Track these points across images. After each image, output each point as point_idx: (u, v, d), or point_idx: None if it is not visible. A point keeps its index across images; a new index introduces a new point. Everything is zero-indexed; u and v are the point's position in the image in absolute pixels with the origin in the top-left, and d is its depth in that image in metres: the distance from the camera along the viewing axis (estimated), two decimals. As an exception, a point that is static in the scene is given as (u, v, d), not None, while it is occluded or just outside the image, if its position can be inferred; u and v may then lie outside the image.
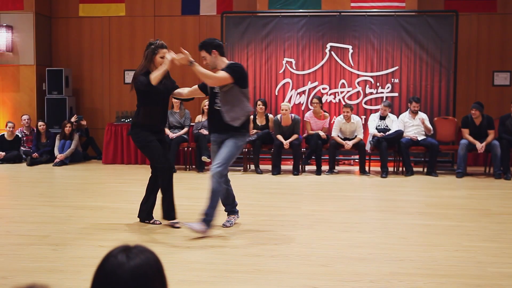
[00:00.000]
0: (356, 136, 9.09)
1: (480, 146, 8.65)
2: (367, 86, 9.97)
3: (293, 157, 9.10)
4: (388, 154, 8.97)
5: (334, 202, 6.53)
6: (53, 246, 4.41)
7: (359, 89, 9.97)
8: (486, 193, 7.38)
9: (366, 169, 9.00)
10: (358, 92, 9.98)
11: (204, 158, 8.75)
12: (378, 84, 9.94)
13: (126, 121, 10.29)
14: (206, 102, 7.28)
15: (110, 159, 10.09)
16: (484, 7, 10.48)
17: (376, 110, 9.66)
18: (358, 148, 9.03)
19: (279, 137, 9.01)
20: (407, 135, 8.99)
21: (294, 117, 9.12)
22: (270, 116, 9.34)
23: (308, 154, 9.15)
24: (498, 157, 8.54)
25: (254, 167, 9.10)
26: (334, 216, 5.69)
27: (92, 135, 10.86)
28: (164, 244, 4.53)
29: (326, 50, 10.00)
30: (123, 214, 5.67)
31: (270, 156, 9.38)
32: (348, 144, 8.95)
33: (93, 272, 1.43)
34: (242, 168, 9.36)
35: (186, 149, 9.49)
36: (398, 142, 8.92)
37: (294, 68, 10.06)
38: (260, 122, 9.29)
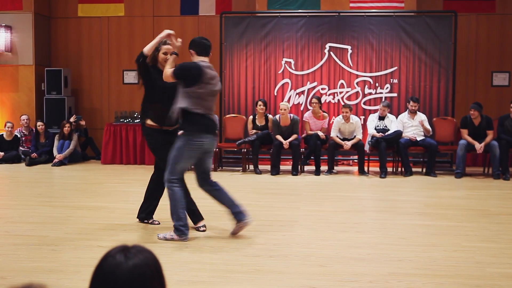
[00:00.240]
0: (355, 136, 9.10)
1: (479, 147, 8.66)
2: (366, 86, 9.97)
3: (292, 157, 9.10)
4: (387, 155, 8.98)
5: (333, 202, 6.53)
6: (51, 246, 4.41)
7: (358, 89, 9.98)
8: (485, 193, 7.38)
9: (365, 169, 9.01)
10: (357, 92, 9.99)
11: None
12: (377, 84, 9.95)
13: (125, 121, 10.29)
14: None
15: (109, 159, 10.09)
16: (483, 8, 10.49)
17: (375, 111, 9.67)
18: (357, 148, 9.04)
19: (278, 137, 9.01)
20: (406, 136, 8.99)
21: (293, 117, 9.12)
22: (270, 116, 9.34)
23: (307, 154, 9.15)
24: (497, 157, 8.54)
25: (253, 168, 9.10)
26: (333, 216, 5.69)
27: (91, 135, 10.86)
28: (162, 244, 4.53)
29: (325, 51, 10.00)
30: (122, 214, 5.67)
31: (269, 156, 9.38)
32: (347, 144, 8.95)
33: (91, 272, 1.43)
34: (241, 168, 9.36)
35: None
36: (397, 143, 8.92)
37: (293, 68, 10.06)
38: (259, 122, 9.29)
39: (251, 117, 9.41)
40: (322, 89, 10.03)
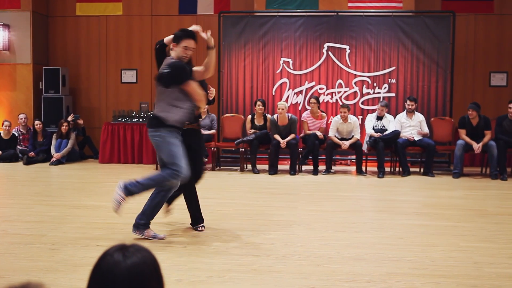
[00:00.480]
0: (353, 136, 9.10)
1: (476, 147, 8.66)
2: (364, 86, 9.97)
3: (290, 157, 9.10)
4: (385, 154, 8.98)
5: (331, 202, 6.53)
6: (49, 245, 4.40)
7: (356, 89, 9.98)
8: (482, 193, 7.39)
9: (363, 169, 9.01)
10: (355, 92, 9.99)
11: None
12: (375, 84, 9.95)
13: (123, 120, 10.28)
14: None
15: (106, 158, 10.08)
16: (481, 8, 10.50)
17: (373, 110, 9.67)
18: (355, 148, 9.04)
19: (276, 136, 9.01)
20: (404, 136, 9.00)
21: (291, 116, 9.12)
22: (269, 116, 9.34)
23: (305, 154, 9.15)
24: (494, 157, 8.55)
25: (251, 167, 9.09)
26: (331, 216, 5.69)
27: (88, 134, 10.84)
28: (160, 243, 4.52)
29: (323, 50, 10.00)
30: (120, 213, 5.65)
31: (267, 156, 9.37)
32: (345, 144, 8.96)
33: (89, 271, 1.43)
34: (239, 167, 9.36)
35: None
36: (395, 142, 8.93)
37: (291, 68, 10.05)
38: (258, 122, 9.28)
39: (250, 116, 9.41)
40: (320, 88, 10.03)
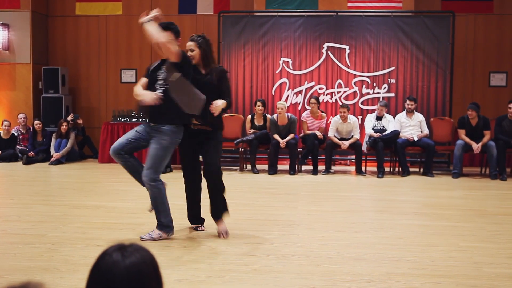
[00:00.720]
0: (352, 136, 9.10)
1: (476, 147, 8.66)
2: (364, 86, 9.98)
3: (289, 157, 9.09)
4: (384, 154, 8.98)
5: (330, 202, 6.52)
6: (48, 245, 4.39)
7: (356, 89, 9.98)
8: (482, 193, 7.39)
9: (363, 169, 9.01)
10: (355, 92, 9.99)
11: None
12: (374, 84, 9.95)
13: (123, 120, 10.27)
14: None
15: (106, 158, 10.06)
16: (480, 8, 10.50)
17: (372, 110, 9.67)
18: (354, 148, 9.04)
19: (276, 136, 9.01)
20: (404, 136, 9.00)
21: (290, 116, 9.12)
22: (268, 116, 9.33)
23: (304, 154, 9.15)
24: (494, 157, 8.55)
25: (251, 167, 9.09)
26: (330, 216, 5.69)
27: (88, 134, 10.84)
28: (159, 242, 4.52)
29: (323, 50, 10.00)
30: (119, 213, 5.66)
31: (267, 156, 9.37)
32: (344, 144, 8.96)
33: (88, 270, 1.42)
34: (238, 167, 9.35)
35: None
36: (395, 143, 8.93)
37: (291, 68, 10.05)
38: (258, 122, 9.28)
39: (249, 116, 9.41)
40: (319, 88, 10.03)
